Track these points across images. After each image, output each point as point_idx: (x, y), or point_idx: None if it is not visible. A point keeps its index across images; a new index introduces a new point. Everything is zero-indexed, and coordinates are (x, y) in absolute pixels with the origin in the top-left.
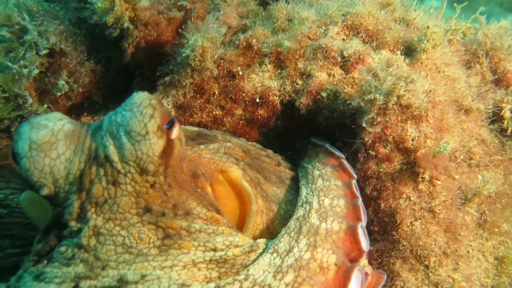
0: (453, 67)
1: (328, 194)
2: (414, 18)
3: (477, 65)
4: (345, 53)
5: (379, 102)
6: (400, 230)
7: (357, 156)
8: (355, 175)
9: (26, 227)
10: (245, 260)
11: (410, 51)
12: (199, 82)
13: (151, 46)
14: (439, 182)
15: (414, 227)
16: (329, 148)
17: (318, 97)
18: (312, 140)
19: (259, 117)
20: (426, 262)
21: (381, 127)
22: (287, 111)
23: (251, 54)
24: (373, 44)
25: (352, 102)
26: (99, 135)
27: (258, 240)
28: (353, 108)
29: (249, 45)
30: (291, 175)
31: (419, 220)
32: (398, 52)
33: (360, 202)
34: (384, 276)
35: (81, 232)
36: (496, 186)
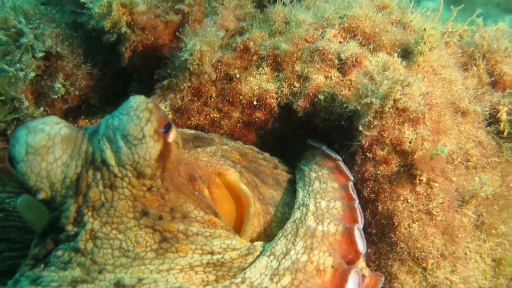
0: (450, 69)
1: (325, 196)
2: (411, 21)
3: (474, 67)
4: (342, 56)
5: (376, 106)
6: (398, 232)
7: (355, 158)
8: (352, 177)
9: (23, 231)
10: (242, 263)
11: (407, 54)
12: (197, 85)
13: (149, 50)
14: (437, 184)
15: (412, 229)
16: (326, 151)
17: (316, 100)
18: (309, 143)
19: (257, 120)
20: (424, 264)
21: (378, 130)
22: (285, 114)
23: (249, 57)
24: (370, 47)
25: (349, 105)
26: (96, 139)
27: (255, 243)
28: (350, 111)
29: (246, 48)
30: (288, 178)
31: (417, 222)
32: (395, 55)
33: (357, 204)
34: (382, 278)
35: (78, 236)
36: (493, 188)
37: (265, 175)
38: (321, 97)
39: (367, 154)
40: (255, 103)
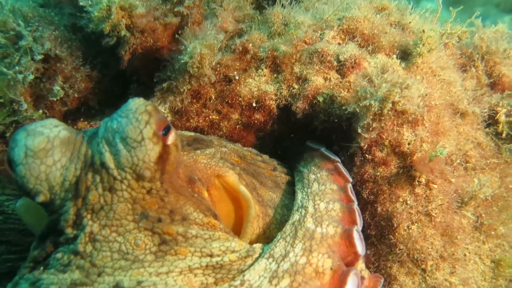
0: (449, 71)
1: (324, 198)
2: (410, 22)
3: (473, 69)
4: (341, 57)
5: (374, 108)
6: (397, 234)
7: (354, 160)
8: (351, 179)
9: (22, 233)
10: (241, 265)
11: (406, 55)
12: (196, 88)
13: (148, 52)
14: (436, 186)
15: (411, 231)
16: (325, 152)
17: (315, 101)
18: (308, 144)
19: (256, 122)
20: (423, 266)
21: (377, 132)
22: (284, 115)
23: (247, 59)
24: (369, 48)
25: (348, 108)
26: (95, 142)
27: (254, 245)
28: (349, 113)
29: (245, 50)
30: (287, 180)
31: (416, 224)
32: (394, 56)
33: (356, 206)
34: (381, 280)
35: (77, 239)
36: (492, 189)
37: (264, 177)
38: (320, 99)
39: (366, 156)
40: (254, 105)
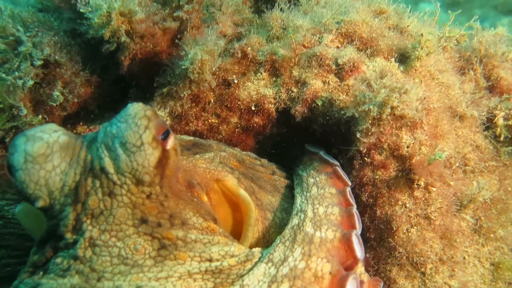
0: (447, 74)
1: (323, 202)
2: (408, 26)
3: (471, 72)
4: (340, 61)
5: (373, 113)
6: (396, 237)
7: (353, 163)
8: (350, 183)
9: (22, 238)
10: (241, 270)
11: (404, 58)
12: (196, 92)
13: (147, 57)
14: (435, 189)
15: (410, 234)
16: (324, 156)
17: (313, 105)
18: (307, 148)
19: (255, 125)
20: (423, 269)
21: (376, 137)
22: (283, 119)
23: (246, 62)
24: (368, 52)
25: (347, 112)
26: (94, 147)
27: (254, 249)
28: (348, 116)
29: (244, 54)
30: (286, 184)
31: (415, 227)
32: (392, 60)
33: (355, 210)
34: (381, 283)
35: (77, 244)
36: (491, 192)
37: (263, 181)
38: (319, 102)
39: (365, 159)
40: (253, 108)
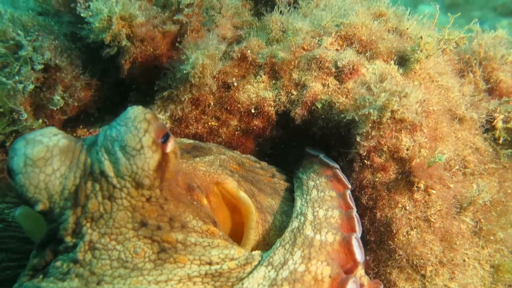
0: (447, 77)
1: (323, 205)
2: (407, 28)
3: (470, 74)
4: (339, 64)
5: (373, 117)
6: (396, 240)
7: (353, 166)
8: (350, 185)
9: (22, 241)
10: (240, 273)
11: (404, 61)
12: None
13: (147, 61)
14: (434, 191)
15: (410, 237)
16: (324, 159)
17: (313, 108)
18: (307, 150)
19: (255, 128)
20: (423, 272)
21: (376, 140)
22: (282, 122)
23: (246, 65)
24: (367, 54)
25: (347, 115)
26: (94, 150)
27: (253, 252)
28: (348, 119)
29: (244, 56)
30: (286, 186)
31: (415, 230)
32: (392, 62)
33: (355, 213)
34: (381, 286)
35: (77, 247)
36: (491, 194)
37: (263, 184)
38: (319, 105)
39: (365, 162)
40: (253, 111)
